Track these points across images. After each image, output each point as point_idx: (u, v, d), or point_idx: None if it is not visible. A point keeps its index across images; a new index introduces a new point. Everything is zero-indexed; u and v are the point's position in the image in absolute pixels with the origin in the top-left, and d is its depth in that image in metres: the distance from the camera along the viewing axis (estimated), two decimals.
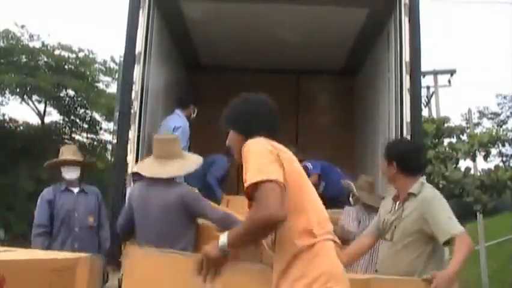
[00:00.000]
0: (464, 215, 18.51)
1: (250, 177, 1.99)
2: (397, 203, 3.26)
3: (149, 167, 3.62)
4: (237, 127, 2.39)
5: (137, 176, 3.83)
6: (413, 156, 3.33)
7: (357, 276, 2.83)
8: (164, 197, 3.48)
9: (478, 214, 12.04)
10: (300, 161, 5.68)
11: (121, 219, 3.73)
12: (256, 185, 1.95)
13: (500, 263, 13.22)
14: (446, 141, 9.88)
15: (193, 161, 3.75)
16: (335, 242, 2.08)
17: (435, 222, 3.01)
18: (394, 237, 3.15)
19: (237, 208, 4.07)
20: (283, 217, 1.91)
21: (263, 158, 2.06)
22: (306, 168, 5.75)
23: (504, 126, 22.45)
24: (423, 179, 3.30)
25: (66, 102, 16.95)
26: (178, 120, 5.32)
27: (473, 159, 10.12)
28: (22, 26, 15.63)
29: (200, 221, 3.64)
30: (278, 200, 1.91)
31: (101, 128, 17.78)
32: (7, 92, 16.06)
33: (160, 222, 3.45)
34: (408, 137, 4.63)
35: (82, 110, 17.31)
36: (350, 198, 5.05)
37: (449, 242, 2.95)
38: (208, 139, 6.20)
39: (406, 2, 4.85)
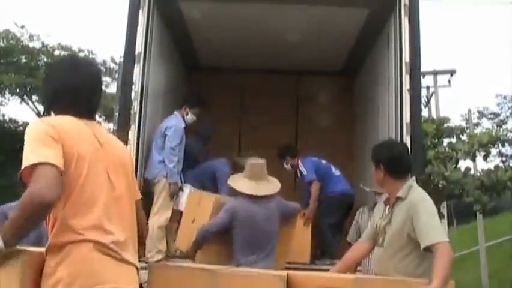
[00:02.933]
0: (464, 215, 18.54)
1: (25, 160, 1.86)
2: (387, 207, 3.21)
3: (250, 187, 4.35)
4: (44, 100, 2.20)
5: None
6: (400, 157, 3.26)
7: (342, 276, 2.83)
8: (268, 208, 4.32)
9: (477, 214, 12.05)
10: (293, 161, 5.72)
11: (215, 228, 4.26)
12: (32, 168, 1.84)
13: (500, 263, 13.22)
14: (445, 141, 9.86)
15: (276, 184, 4.51)
16: (105, 245, 1.94)
17: (419, 226, 2.94)
18: (385, 242, 3.11)
19: None
20: (53, 197, 1.81)
21: (40, 141, 1.90)
22: (301, 174, 5.73)
23: (504, 127, 22.42)
24: (412, 180, 3.22)
25: None
26: (172, 120, 5.26)
27: (473, 160, 10.10)
28: (22, 27, 15.66)
29: None
30: (51, 181, 1.81)
31: None
32: (7, 92, 16.08)
33: (265, 229, 4.27)
34: (408, 137, 4.63)
35: None
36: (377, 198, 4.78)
37: (429, 248, 2.87)
38: None
39: (406, 2, 4.85)
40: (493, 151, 10.49)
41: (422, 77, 6.00)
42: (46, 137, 1.92)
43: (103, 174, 2.04)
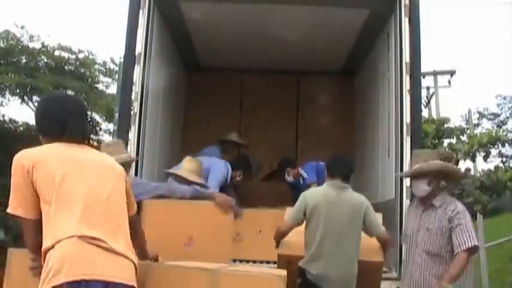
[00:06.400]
0: None
1: (10, 204, 2.22)
2: None
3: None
4: (36, 127, 2.50)
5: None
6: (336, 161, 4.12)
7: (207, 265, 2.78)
8: None
9: (478, 215, 12.04)
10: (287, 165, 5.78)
11: None
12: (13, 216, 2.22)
13: (500, 263, 13.22)
14: (446, 141, 9.88)
15: None
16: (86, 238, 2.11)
17: None
18: None
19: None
20: (30, 246, 2.26)
21: (14, 184, 2.22)
22: (302, 177, 5.77)
23: (504, 127, 22.48)
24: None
25: None
26: (224, 168, 5.32)
27: (473, 160, 10.13)
28: (22, 27, 15.61)
29: None
30: (29, 237, 2.24)
31: (101, 129, 17.74)
32: (7, 92, 16.05)
33: None
34: (408, 138, 4.63)
35: None
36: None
37: None
38: (206, 139, 6.23)
39: (406, 2, 4.85)
40: (493, 151, 10.54)
41: (422, 78, 6.00)
42: (19, 178, 2.21)
43: (82, 188, 2.21)
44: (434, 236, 3.51)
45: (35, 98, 16.59)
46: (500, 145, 10.30)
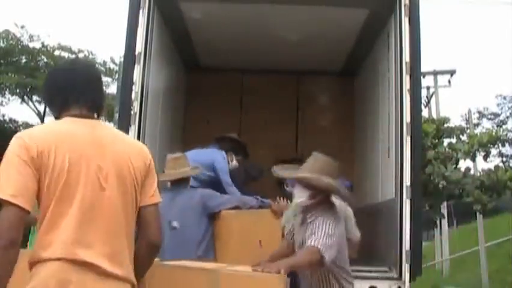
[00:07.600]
0: (464, 215, 18.50)
1: (4, 188, 1.85)
2: None
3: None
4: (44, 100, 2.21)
5: None
6: None
7: (208, 266, 2.77)
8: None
9: (478, 214, 12.05)
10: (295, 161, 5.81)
11: None
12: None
13: (500, 263, 13.22)
14: (446, 141, 9.86)
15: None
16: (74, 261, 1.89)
17: None
18: None
19: None
20: (9, 239, 1.80)
21: (9, 166, 1.87)
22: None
23: (504, 127, 22.52)
24: None
25: None
26: (224, 160, 5.31)
27: (473, 160, 10.13)
28: (22, 27, 15.69)
29: None
30: (9, 225, 1.80)
31: None
32: (7, 92, 16.11)
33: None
34: (408, 138, 4.62)
35: None
36: None
37: None
38: (206, 139, 6.23)
39: (406, 2, 4.84)
40: (493, 151, 10.54)
41: (422, 77, 6.00)
42: (16, 160, 1.88)
43: (85, 183, 1.96)
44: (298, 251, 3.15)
45: (35, 97, 16.65)
46: (500, 145, 10.31)
